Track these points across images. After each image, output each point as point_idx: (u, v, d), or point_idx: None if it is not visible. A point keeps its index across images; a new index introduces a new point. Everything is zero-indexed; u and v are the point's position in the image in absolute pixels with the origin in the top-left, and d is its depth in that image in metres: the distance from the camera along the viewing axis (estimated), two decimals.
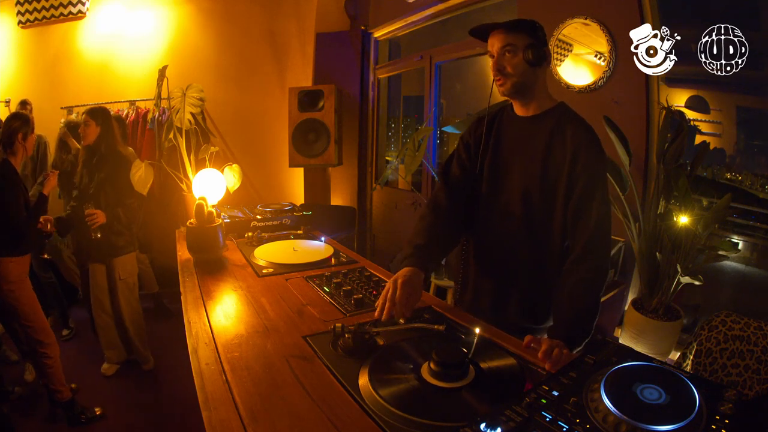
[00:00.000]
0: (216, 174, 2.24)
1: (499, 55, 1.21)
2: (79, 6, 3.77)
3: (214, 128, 3.87)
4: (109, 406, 2.27)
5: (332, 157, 3.35)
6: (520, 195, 1.25)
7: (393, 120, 4.23)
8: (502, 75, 1.21)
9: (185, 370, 0.91)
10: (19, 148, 2.09)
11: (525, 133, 1.28)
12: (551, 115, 1.25)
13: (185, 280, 1.39)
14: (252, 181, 3.86)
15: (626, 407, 0.56)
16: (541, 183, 1.22)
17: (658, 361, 0.67)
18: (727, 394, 0.59)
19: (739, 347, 1.42)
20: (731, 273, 2.01)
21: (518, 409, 0.59)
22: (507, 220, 1.27)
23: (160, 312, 3.49)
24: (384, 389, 0.76)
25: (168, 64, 3.31)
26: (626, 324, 1.97)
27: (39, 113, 3.41)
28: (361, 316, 1.10)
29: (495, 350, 0.91)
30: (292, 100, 3.38)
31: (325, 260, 1.56)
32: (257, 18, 3.88)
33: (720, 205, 1.64)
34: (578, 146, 1.18)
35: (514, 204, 1.26)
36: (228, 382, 0.81)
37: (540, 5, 2.40)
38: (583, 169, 1.17)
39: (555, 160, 1.20)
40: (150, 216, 3.53)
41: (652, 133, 2.02)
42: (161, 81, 3.26)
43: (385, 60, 3.90)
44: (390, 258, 3.60)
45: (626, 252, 2.10)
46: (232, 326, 1.06)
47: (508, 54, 1.20)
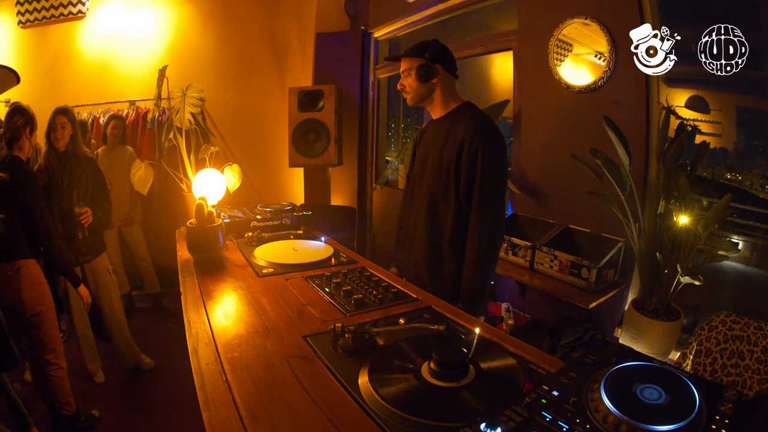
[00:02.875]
0: (216, 174, 2.23)
1: (402, 77, 1.57)
2: (79, 6, 3.77)
3: (214, 128, 3.87)
4: (109, 407, 2.28)
5: (332, 157, 3.35)
6: (428, 189, 1.54)
7: (393, 120, 4.22)
8: (404, 92, 1.57)
9: (185, 370, 0.91)
10: (25, 143, 1.99)
11: (433, 133, 1.58)
12: (451, 116, 1.54)
13: (185, 280, 1.39)
14: (252, 181, 3.86)
15: (626, 407, 0.56)
16: (439, 176, 1.49)
17: (658, 361, 0.67)
18: (727, 394, 0.59)
19: (739, 347, 1.42)
20: (731, 273, 2.01)
21: (518, 409, 0.59)
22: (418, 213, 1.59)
23: (160, 312, 3.49)
24: (384, 389, 0.76)
25: (168, 64, 3.32)
26: (626, 324, 1.97)
27: (39, 113, 3.40)
28: (361, 316, 1.10)
29: (495, 350, 0.91)
30: (292, 100, 3.38)
31: (325, 260, 1.56)
32: (257, 18, 3.88)
33: (720, 205, 1.64)
34: (464, 139, 1.42)
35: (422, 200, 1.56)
36: (228, 382, 0.81)
37: (540, 5, 2.40)
38: (467, 158, 1.41)
39: (447, 154, 1.47)
40: (150, 216, 3.54)
41: (652, 133, 2.02)
42: (161, 81, 3.26)
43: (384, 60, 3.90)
44: (390, 258, 3.60)
45: (626, 252, 2.10)
46: (232, 326, 1.06)
47: (407, 75, 1.55)
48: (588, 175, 2.02)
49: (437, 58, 1.51)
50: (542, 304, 2.47)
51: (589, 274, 2.01)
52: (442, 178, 1.49)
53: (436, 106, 1.57)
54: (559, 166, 2.34)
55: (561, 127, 2.37)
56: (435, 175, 1.51)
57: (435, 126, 1.59)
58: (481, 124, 1.45)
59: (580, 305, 1.97)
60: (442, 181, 1.49)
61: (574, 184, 2.26)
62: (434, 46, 1.51)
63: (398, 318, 1.06)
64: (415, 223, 1.61)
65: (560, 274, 2.13)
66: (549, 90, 2.36)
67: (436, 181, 1.51)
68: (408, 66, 1.54)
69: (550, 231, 2.31)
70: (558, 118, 2.38)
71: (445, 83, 1.54)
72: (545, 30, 2.33)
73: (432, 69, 1.50)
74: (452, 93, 1.56)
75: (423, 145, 1.64)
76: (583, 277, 2.03)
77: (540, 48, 2.36)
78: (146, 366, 2.68)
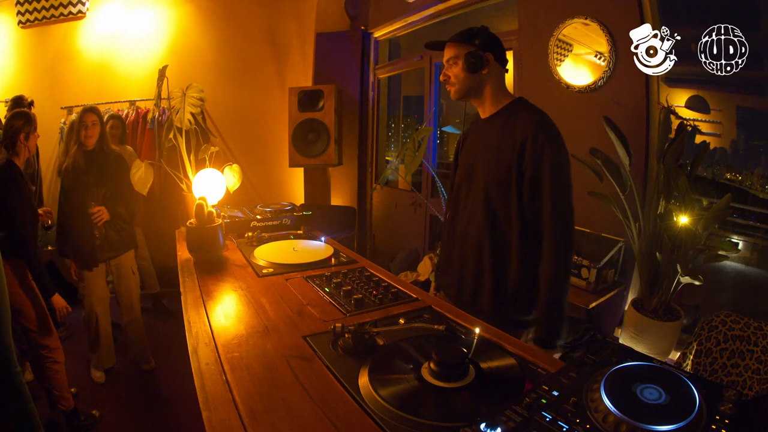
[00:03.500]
0: (216, 174, 2.23)
1: (446, 66, 1.37)
2: (79, 6, 3.77)
3: (214, 128, 3.87)
4: (109, 407, 2.27)
5: (332, 157, 3.35)
6: (483, 192, 1.34)
7: (393, 120, 4.23)
8: (448, 84, 1.37)
9: (185, 370, 0.91)
10: (21, 149, 2.01)
11: (483, 134, 1.40)
12: (503, 113, 1.36)
13: (185, 280, 1.39)
14: (252, 181, 3.86)
15: (626, 407, 0.56)
16: (497, 179, 1.31)
17: (658, 361, 0.67)
18: (727, 394, 0.59)
19: (739, 347, 1.42)
20: (731, 273, 2.01)
21: (518, 409, 0.59)
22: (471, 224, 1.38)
23: (160, 312, 3.49)
24: (384, 389, 0.76)
25: (168, 64, 3.31)
26: (626, 324, 1.97)
27: (39, 113, 3.40)
28: (361, 316, 1.10)
29: (495, 350, 0.91)
30: (292, 100, 3.38)
31: (325, 260, 1.56)
32: (257, 18, 3.88)
33: (720, 205, 1.64)
34: (525, 138, 1.26)
35: (477, 202, 1.36)
36: (228, 382, 0.81)
37: (540, 5, 2.40)
38: (530, 160, 1.25)
39: (505, 155, 1.29)
40: (150, 216, 3.54)
41: (652, 133, 2.02)
42: (161, 81, 3.25)
43: (385, 60, 3.90)
44: (390, 258, 3.60)
45: (626, 252, 2.10)
46: (232, 326, 1.06)
47: (452, 64, 1.35)
48: (588, 175, 2.02)
49: (488, 46, 1.31)
50: None
51: (589, 274, 2.01)
52: (500, 184, 1.30)
53: (486, 101, 1.37)
54: None
55: (561, 127, 2.34)
56: (491, 180, 1.32)
57: (485, 125, 1.39)
58: (542, 119, 1.29)
59: (580, 305, 1.97)
60: (501, 187, 1.30)
61: (574, 184, 2.25)
62: (485, 33, 1.32)
63: (398, 318, 1.06)
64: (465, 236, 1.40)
65: None
66: (549, 90, 2.36)
67: (492, 188, 1.32)
68: (454, 53, 1.33)
69: None
70: (558, 118, 2.34)
71: (496, 75, 1.35)
72: (545, 30, 2.33)
73: (482, 58, 1.30)
74: (503, 87, 1.38)
75: (469, 148, 1.44)
76: (583, 277, 2.03)
77: (540, 48, 2.36)
78: (146, 366, 2.68)
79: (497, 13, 2.86)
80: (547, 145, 1.24)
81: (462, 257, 1.41)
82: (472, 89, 1.35)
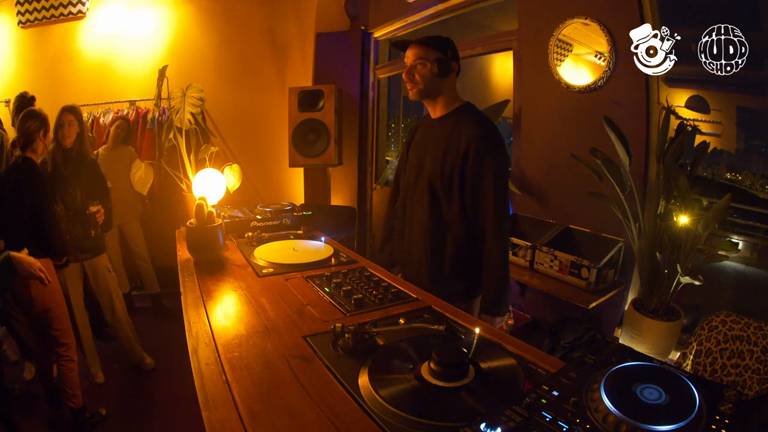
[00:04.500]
0: (216, 174, 2.23)
1: (411, 65, 1.47)
2: (79, 6, 3.77)
3: (214, 128, 3.87)
4: (109, 407, 2.27)
5: (332, 157, 3.35)
6: (427, 187, 1.52)
7: (393, 120, 4.23)
8: (412, 82, 1.48)
9: (185, 370, 0.91)
10: (39, 145, 2.06)
11: (432, 133, 1.55)
12: (453, 116, 1.51)
13: (185, 280, 1.39)
14: (252, 181, 3.86)
15: (626, 407, 0.56)
16: (441, 177, 1.48)
17: (658, 361, 0.67)
18: (727, 394, 0.59)
19: (739, 347, 1.42)
20: (731, 273, 2.01)
21: (518, 409, 0.59)
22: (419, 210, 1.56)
23: (160, 312, 3.49)
24: (384, 389, 0.76)
25: (168, 64, 3.32)
26: (626, 324, 1.97)
27: None
28: (361, 316, 1.10)
29: (495, 350, 0.91)
30: (292, 100, 3.38)
31: (325, 260, 1.56)
32: (257, 18, 3.88)
33: (720, 205, 1.64)
34: (468, 146, 1.42)
35: (424, 192, 1.53)
36: (228, 382, 0.81)
37: (540, 5, 2.40)
38: (472, 165, 1.42)
39: (450, 156, 1.46)
40: (150, 216, 3.54)
41: (652, 133, 2.02)
42: (161, 81, 3.26)
43: (385, 60, 3.89)
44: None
45: (626, 252, 2.10)
46: (232, 326, 1.06)
47: (419, 65, 1.45)
48: (588, 175, 2.02)
49: (455, 56, 1.50)
50: (542, 304, 2.47)
51: (589, 274, 2.01)
52: (444, 179, 1.48)
53: (440, 104, 1.53)
54: (559, 166, 2.34)
55: (561, 127, 2.37)
56: (436, 175, 1.49)
57: (435, 124, 1.56)
58: (486, 131, 1.44)
59: (580, 305, 1.97)
60: (445, 183, 1.48)
61: (574, 184, 2.26)
62: (452, 44, 1.49)
63: (398, 318, 1.06)
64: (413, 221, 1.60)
65: (560, 274, 2.13)
66: (549, 90, 2.36)
67: (437, 181, 1.50)
68: (424, 55, 1.45)
69: (550, 231, 2.31)
70: (558, 118, 2.38)
71: (453, 82, 1.53)
72: (545, 30, 2.33)
73: (450, 66, 1.47)
74: (456, 93, 1.56)
75: (419, 142, 1.62)
76: (583, 277, 2.03)
77: (540, 48, 2.36)
78: (146, 366, 2.68)
79: (497, 13, 2.86)
80: (488, 153, 1.42)
81: (411, 237, 1.61)
82: (432, 91, 1.49)
